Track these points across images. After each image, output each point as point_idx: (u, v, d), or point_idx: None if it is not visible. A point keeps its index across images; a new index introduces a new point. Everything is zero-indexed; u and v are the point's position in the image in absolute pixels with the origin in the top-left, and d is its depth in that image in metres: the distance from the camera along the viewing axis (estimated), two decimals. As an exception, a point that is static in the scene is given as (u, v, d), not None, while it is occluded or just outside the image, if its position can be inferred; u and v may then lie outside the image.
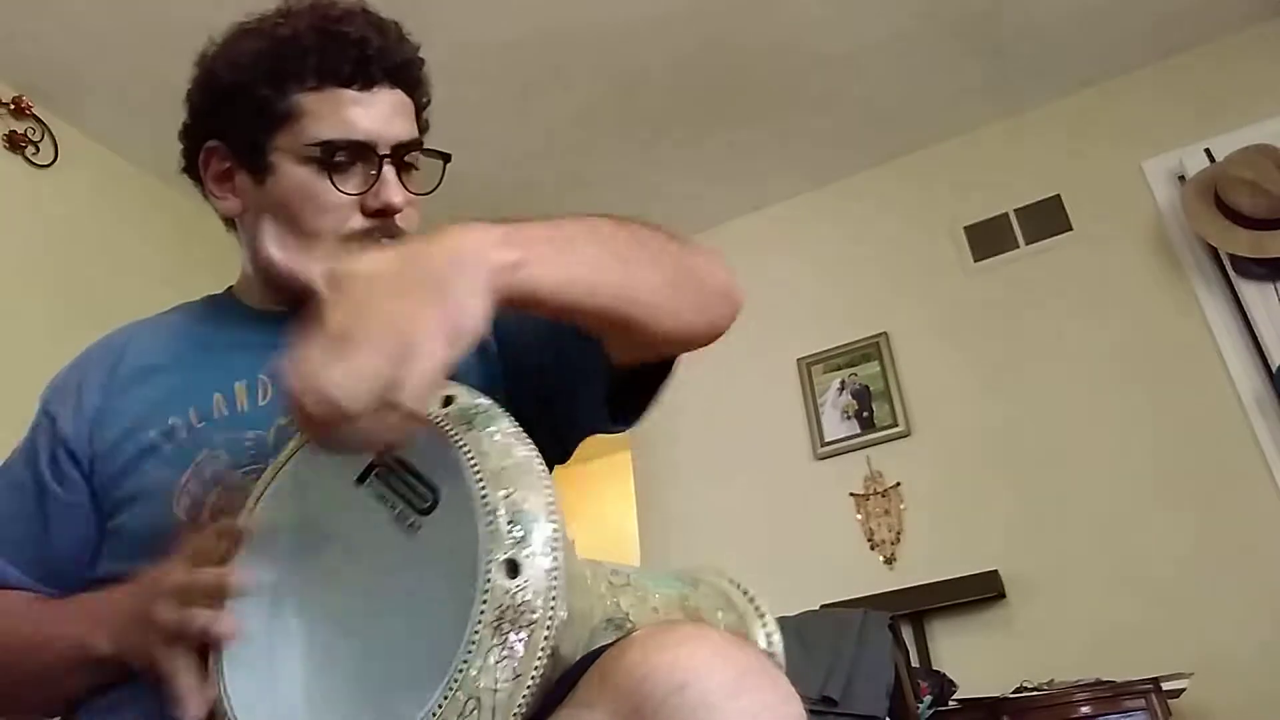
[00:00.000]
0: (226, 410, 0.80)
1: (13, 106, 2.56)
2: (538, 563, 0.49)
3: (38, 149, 2.63)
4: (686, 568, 0.78)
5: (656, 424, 0.97)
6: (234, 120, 0.86)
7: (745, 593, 0.74)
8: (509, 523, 0.49)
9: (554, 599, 0.48)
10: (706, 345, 0.76)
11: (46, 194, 2.63)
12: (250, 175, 0.86)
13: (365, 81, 0.84)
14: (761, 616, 0.72)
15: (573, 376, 0.78)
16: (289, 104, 0.83)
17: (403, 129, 0.85)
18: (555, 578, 0.49)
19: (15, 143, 2.56)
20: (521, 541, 0.49)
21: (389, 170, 0.83)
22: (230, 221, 0.92)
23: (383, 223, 0.83)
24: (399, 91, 0.87)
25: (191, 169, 0.91)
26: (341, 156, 0.82)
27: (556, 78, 2.85)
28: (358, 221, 0.82)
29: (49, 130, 2.66)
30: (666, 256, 0.72)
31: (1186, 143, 2.85)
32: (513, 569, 0.48)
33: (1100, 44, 2.95)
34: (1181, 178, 2.82)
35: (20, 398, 1.00)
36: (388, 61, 0.85)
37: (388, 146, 0.83)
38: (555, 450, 0.80)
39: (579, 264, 0.64)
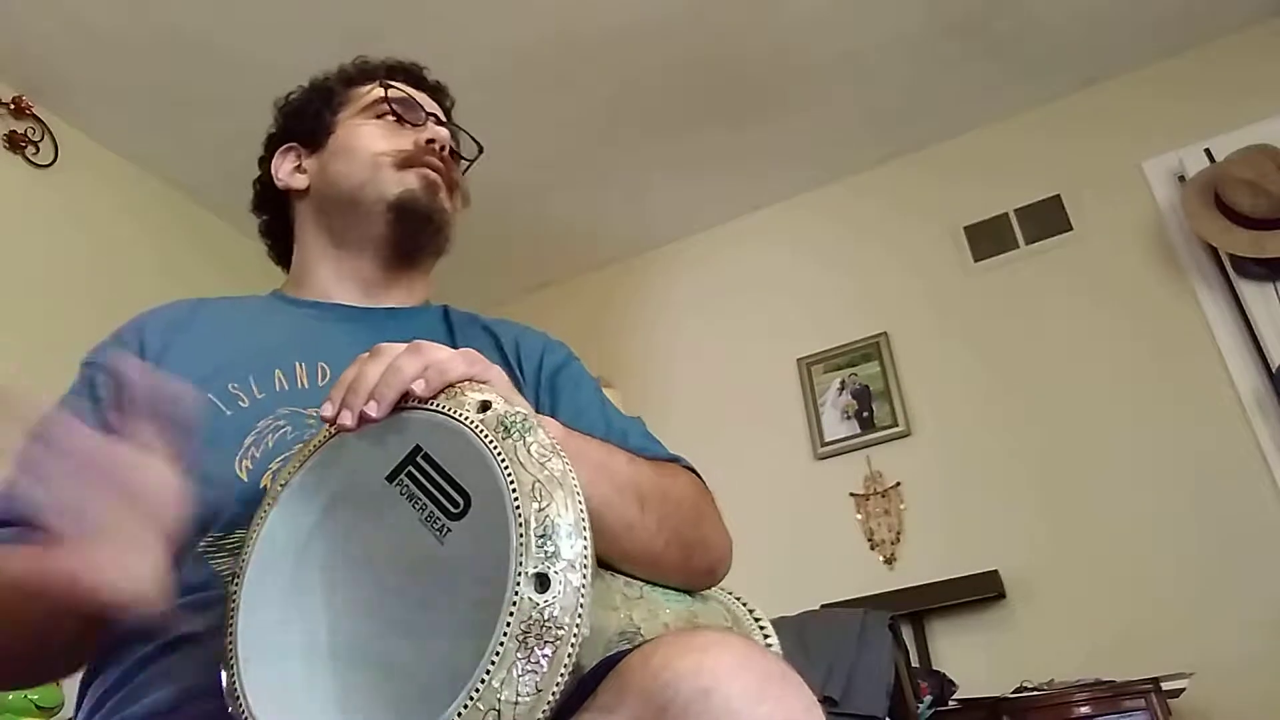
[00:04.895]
0: (287, 385, 0.82)
1: (13, 106, 2.56)
2: (567, 578, 0.48)
3: (38, 149, 2.63)
4: None
5: (656, 423, 0.97)
6: (305, 116, 1.02)
7: (751, 611, 0.75)
8: (540, 536, 0.49)
9: (580, 615, 0.48)
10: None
11: (46, 194, 2.63)
12: (315, 151, 1.00)
13: (415, 84, 1.03)
14: (766, 636, 0.73)
15: None
16: (352, 91, 1.02)
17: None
18: (583, 594, 0.49)
19: (15, 143, 2.56)
20: (552, 556, 0.49)
21: (433, 122, 1.00)
22: (285, 224, 1.03)
23: (433, 150, 0.96)
24: (442, 114, 1.05)
25: (263, 193, 1.05)
26: (397, 108, 0.98)
27: (561, 80, 2.85)
28: (409, 143, 0.96)
29: (49, 130, 2.66)
30: (678, 519, 0.73)
31: (1186, 143, 2.86)
32: (542, 583, 0.48)
33: (1100, 44, 2.95)
34: (1181, 178, 2.82)
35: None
36: (435, 85, 1.07)
37: (431, 109, 1.02)
38: None
39: (598, 488, 0.64)
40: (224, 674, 0.58)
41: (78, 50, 2.54)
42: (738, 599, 0.76)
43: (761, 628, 0.73)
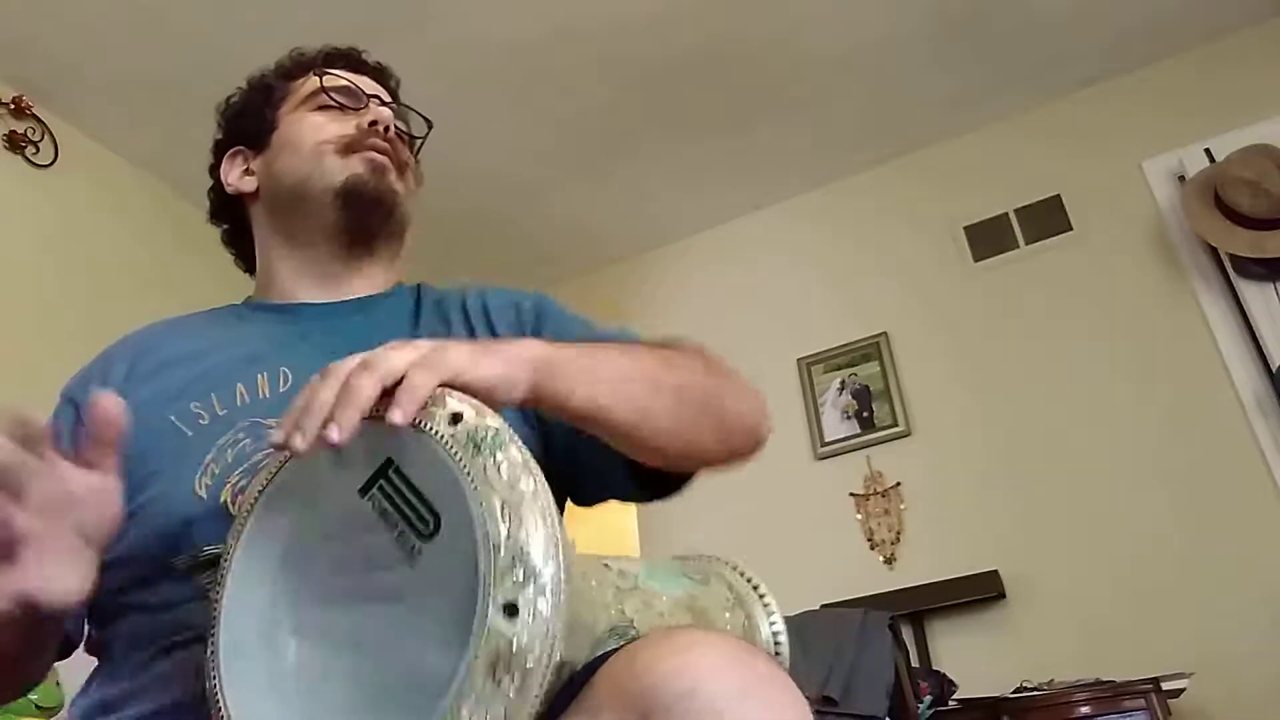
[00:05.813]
0: (249, 398, 0.81)
1: (13, 106, 2.56)
2: (537, 605, 0.47)
3: (38, 149, 2.63)
4: (695, 559, 0.77)
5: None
6: (247, 117, 1.00)
7: (755, 587, 0.74)
8: (510, 562, 0.48)
9: (551, 643, 0.47)
10: (726, 468, 0.80)
11: (46, 194, 2.63)
12: (261, 151, 0.97)
13: (355, 69, 1.00)
14: (768, 610, 0.72)
15: (599, 462, 0.78)
16: (292, 85, 0.99)
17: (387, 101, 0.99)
18: (554, 622, 0.48)
19: (15, 143, 2.56)
20: (522, 583, 0.47)
21: (375, 104, 0.97)
22: (244, 231, 1.00)
23: (376, 132, 0.93)
24: (386, 94, 1.01)
25: (217, 201, 1.02)
26: (335, 96, 0.96)
27: (559, 78, 2.85)
28: (351, 128, 0.93)
29: (49, 130, 2.66)
30: (695, 387, 0.75)
31: (1186, 143, 2.86)
32: (511, 611, 0.47)
33: (1100, 44, 2.95)
34: (1181, 178, 2.82)
35: (19, 395, 1.00)
36: (376, 66, 1.03)
37: (373, 91, 0.99)
38: (579, 500, 0.85)
39: (601, 383, 0.66)
40: (206, 684, 0.58)
41: (77, 50, 2.54)
42: (741, 573, 0.75)
43: (765, 605, 0.72)
